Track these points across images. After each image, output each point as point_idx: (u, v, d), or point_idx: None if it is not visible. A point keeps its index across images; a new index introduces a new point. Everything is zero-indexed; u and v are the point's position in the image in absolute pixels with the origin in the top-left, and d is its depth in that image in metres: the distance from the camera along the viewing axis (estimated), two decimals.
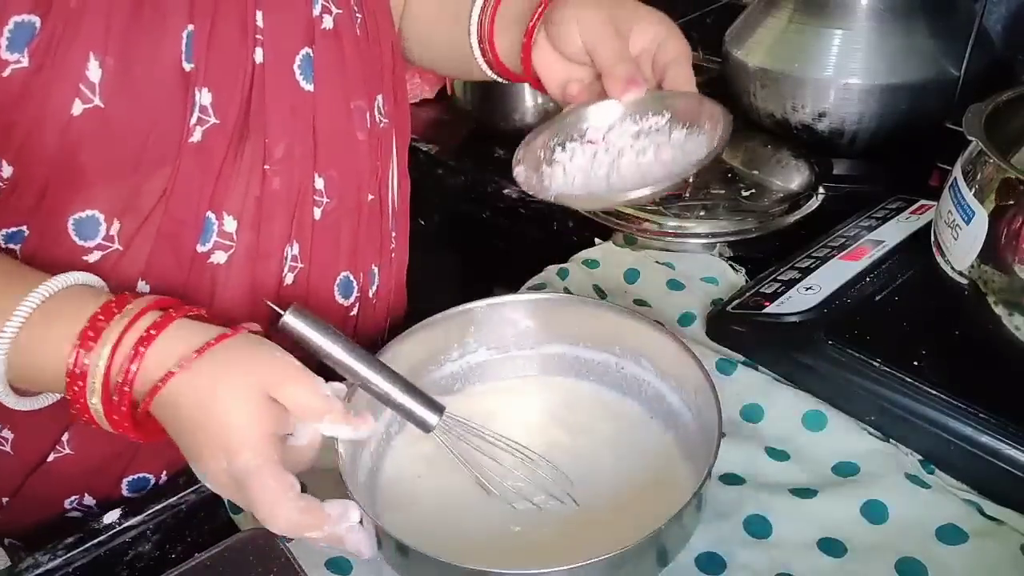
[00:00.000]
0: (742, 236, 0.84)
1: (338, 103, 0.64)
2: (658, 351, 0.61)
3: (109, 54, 0.51)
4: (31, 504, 0.66)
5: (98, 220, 0.56)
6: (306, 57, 0.61)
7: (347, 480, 0.51)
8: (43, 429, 0.62)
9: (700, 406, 0.57)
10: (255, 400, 0.46)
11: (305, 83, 0.62)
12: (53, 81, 0.50)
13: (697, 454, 0.57)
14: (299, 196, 0.63)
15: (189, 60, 0.55)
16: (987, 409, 0.56)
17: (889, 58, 0.90)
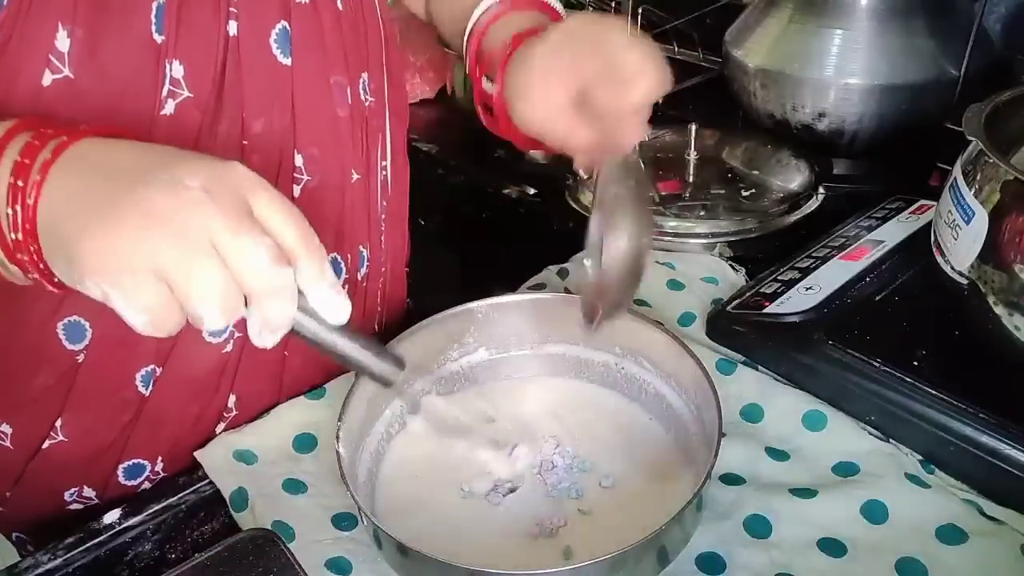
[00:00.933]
0: (742, 236, 0.84)
1: (317, 78, 0.63)
2: (658, 351, 0.61)
3: (78, 24, 0.51)
4: (32, 497, 0.66)
5: None
6: (283, 31, 0.60)
7: (347, 479, 0.51)
8: (38, 416, 0.62)
9: (700, 406, 0.57)
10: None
11: (282, 57, 0.61)
12: (22, 52, 0.50)
13: (697, 454, 0.57)
14: (278, 173, 0.62)
15: (160, 32, 0.54)
16: (987, 409, 0.56)
17: (889, 58, 0.90)
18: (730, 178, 0.93)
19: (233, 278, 0.38)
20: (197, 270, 0.37)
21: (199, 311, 0.38)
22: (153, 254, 0.37)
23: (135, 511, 0.59)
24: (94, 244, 0.37)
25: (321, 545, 0.55)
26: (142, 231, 0.37)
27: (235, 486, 0.60)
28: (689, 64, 1.32)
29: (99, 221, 0.37)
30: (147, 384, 0.63)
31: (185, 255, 0.37)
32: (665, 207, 0.87)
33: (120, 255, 0.37)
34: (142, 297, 0.37)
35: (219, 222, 0.37)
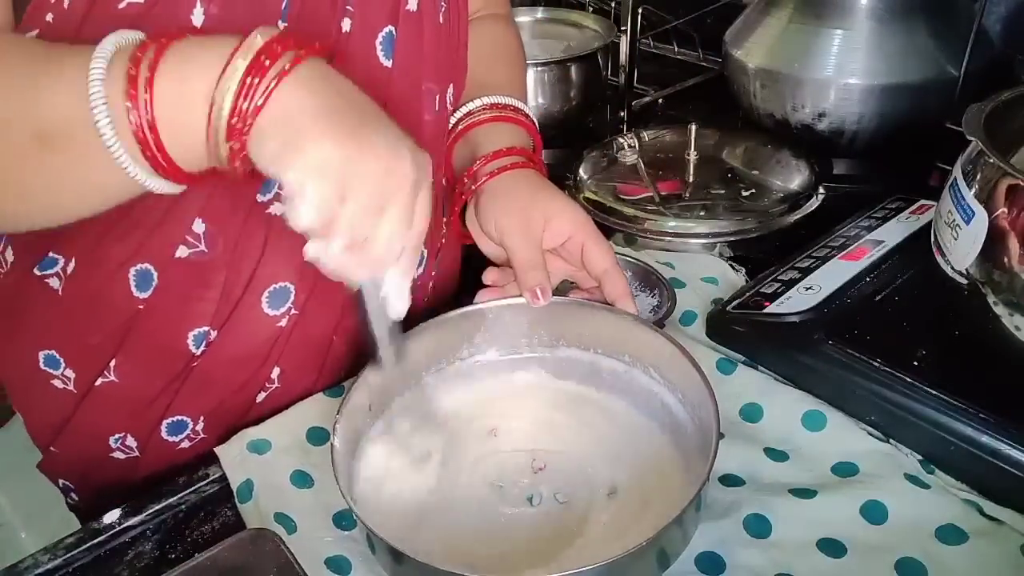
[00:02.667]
0: (742, 236, 0.84)
1: (411, 83, 0.66)
2: (657, 354, 0.61)
3: (214, 2, 0.53)
4: (81, 438, 0.69)
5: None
6: (388, 35, 0.62)
7: (341, 482, 0.51)
8: (96, 356, 0.65)
9: (699, 409, 0.57)
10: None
11: (385, 59, 0.63)
12: (160, 20, 0.52)
13: (696, 456, 0.57)
14: None
15: (284, 19, 0.56)
16: (987, 409, 0.56)
17: (889, 58, 0.90)
18: (730, 178, 0.93)
19: (375, 235, 0.45)
20: (364, 221, 0.45)
21: (335, 236, 0.45)
22: (354, 182, 0.44)
23: (135, 511, 0.59)
24: (318, 148, 0.43)
25: (321, 543, 0.55)
26: (359, 163, 0.44)
27: (243, 478, 0.60)
28: (689, 64, 1.32)
29: (335, 125, 0.44)
30: (199, 344, 0.65)
31: (369, 203, 0.44)
32: (665, 207, 0.87)
33: (334, 167, 0.43)
34: (325, 209, 0.44)
35: (403, 197, 0.45)
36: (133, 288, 0.62)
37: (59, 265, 0.62)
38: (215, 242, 0.61)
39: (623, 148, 0.98)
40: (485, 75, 0.75)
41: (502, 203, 0.66)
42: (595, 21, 1.22)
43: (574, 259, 0.66)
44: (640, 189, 0.91)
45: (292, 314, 0.66)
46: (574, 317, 0.65)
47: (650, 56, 1.37)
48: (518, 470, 0.60)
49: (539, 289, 0.62)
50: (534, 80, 1.10)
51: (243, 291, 0.63)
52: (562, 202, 0.65)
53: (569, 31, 1.23)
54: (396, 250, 0.47)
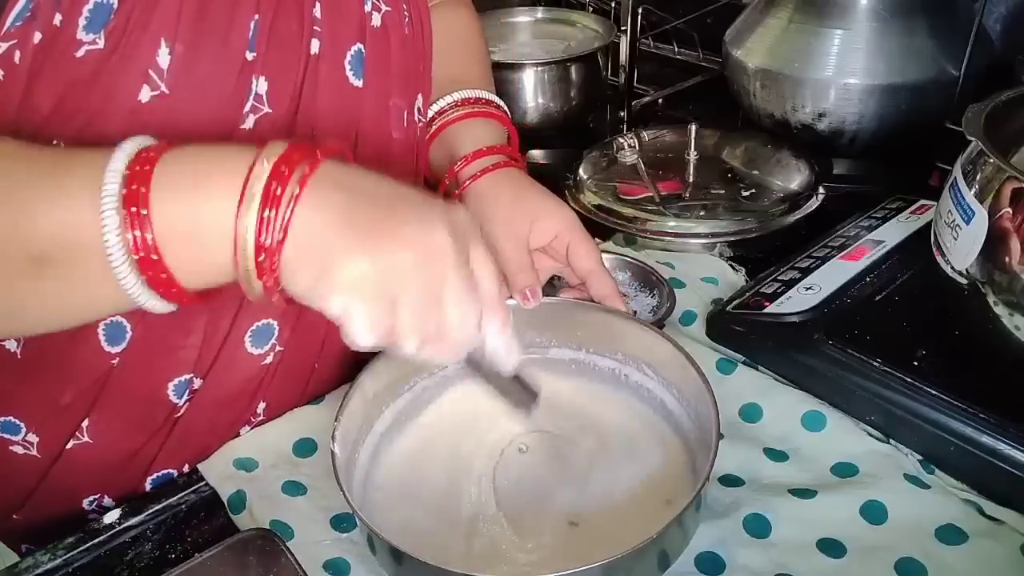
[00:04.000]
0: (742, 236, 0.84)
1: (379, 100, 0.65)
2: (656, 355, 0.61)
3: (179, 40, 0.51)
4: (50, 502, 0.65)
5: None
6: (357, 53, 0.61)
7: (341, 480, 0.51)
8: (66, 417, 0.62)
9: (698, 410, 0.57)
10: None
11: (355, 79, 0.62)
12: (124, 65, 0.50)
13: (697, 457, 0.57)
14: None
15: (252, 49, 0.55)
16: (987, 409, 0.56)
17: (889, 58, 0.90)
18: (730, 178, 0.93)
19: (442, 322, 0.43)
20: (425, 316, 0.42)
21: (404, 343, 0.43)
22: (400, 283, 0.41)
23: (135, 511, 0.59)
24: (351, 266, 0.40)
25: (319, 546, 0.55)
26: (396, 264, 0.41)
27: (233, 489, 0.60)
28: (689, 64, 1.32)
29: (358, 234, 0.40)
30: (181, 394, 0.62)
31: (424, 297, 0.42)
32: (665, 207, 0.87)
33: (374, 279, 0.40)
34: (381, 322, 0.41)
35: (454, 274, 0.42)
36: (103, 343, 0.59)
37: None
38: None
39: (623, 148, 0.98)
40: (450, 68, 0.74)
41: (487, 208, 0.65)
42: (595, 21, 1.22)
43: (561, 257, 0.66)
44: (640, 189, 0.91)
45: (277, 350, 0.64)
46: (570, 317, 0.65)
47: (650, 56, 1.37)
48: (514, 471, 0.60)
49: (528, 291, 0.62)
50: (534, 80, 1.10)
51: (226, 334, 0.61)
52: (546, 201, 0.65)
53: (569, 31, 1.23)
54: (472, 327, 0.44)
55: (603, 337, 0.64)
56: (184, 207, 0.40)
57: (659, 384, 0.61)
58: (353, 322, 0.41)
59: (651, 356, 0.61)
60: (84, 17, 0.48)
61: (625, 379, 0.64)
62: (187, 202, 0.40)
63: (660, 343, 0.60)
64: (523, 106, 1.11)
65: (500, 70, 1.11)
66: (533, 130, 1.13)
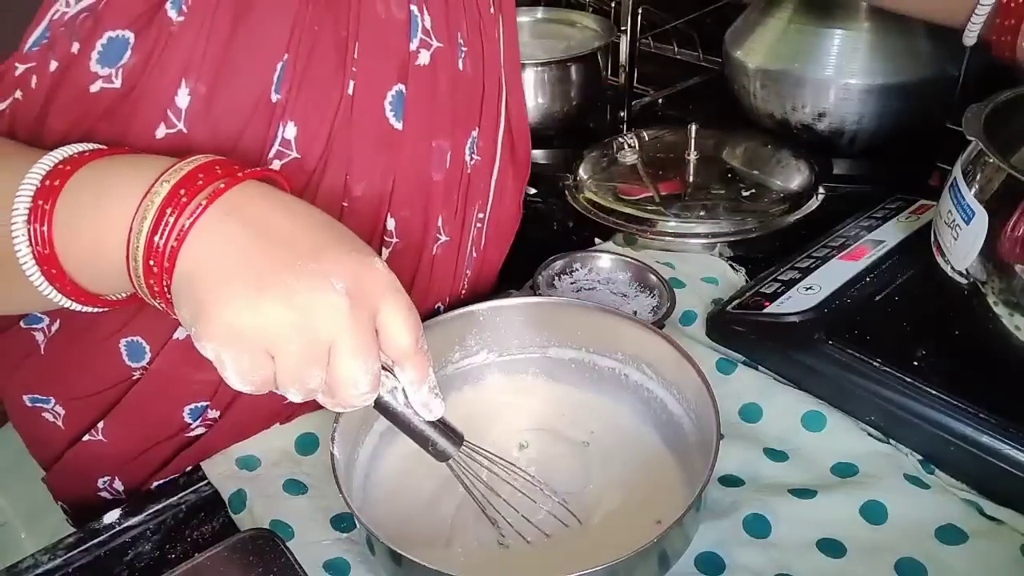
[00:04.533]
0: (742, 236, 0.84)
1: (421, 142, 0.62)
2: (656, 355, 0.61)
3: (200, 80, 0.50)
4: (69, 478, 0.69)
5: None
6: (398, 94, 0.59)
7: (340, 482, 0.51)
8: (85, 412, 0.64)
9: (698, 410, 0.57)
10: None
11: (395, 121, 0.59)
12: (141, 104, 0.50)
13: (696, 458, 0.57)
14: (368, 237, 0.60)
15: (278, 91, 0.53)
16: (987, 409, 0.56)
17: (889, 58, 0.90)
18: (730, 178, 0.93)
19: (331, 378, 0.41)
20: (305, 374, 0.40)
21: (287, 393, 0.41)
22: (277, 343, 0.39)
23: (135, 511, 0.59)
24: (226, 316, 0.38)
25: (319, 546, 0.55)
26: (275, 322, 0.39)
27: (234, 488, 0.60)
28: (689, 64, 1.32)
29: (239, 296, 0.38)
30: (196, 418, 0.63)
31: (304, 358, 0.39)
32: (665, 207, 0.87)
33: (248, 335, 0.39)
34: (253, 374, 0.40)
35: (346, 341, 0.40)
36: (125, 358, 0.60)
37: (44, 323, 0.60)
38: None
39: (623, 148, 0.98)
40: None
41: None
42: (595, 21, 1.22)
43: None
44: (640, 189, 0.91)
45: None
46: (571, 317, 0.65)
47: (650, 56, 1.37)
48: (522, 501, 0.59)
49: None
50: (534, 80, 1.10)
51: None
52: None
53: (569, 31, 1.23)
54: (365, 384, 0.42)
55: (603, 337, 0.64)
56: (85, 222, 0.40)
57: (659, 384, 0.61)
58: (224, 370, 0.40)
59: (651, 356, 0.61)
60: (97, 51, 0.48)
61: (625, 379, 0.64)
62: (89, 217, 0.40)
63: (660, 343, 0.60)
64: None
65: None
66: (533, 130, 1.11)
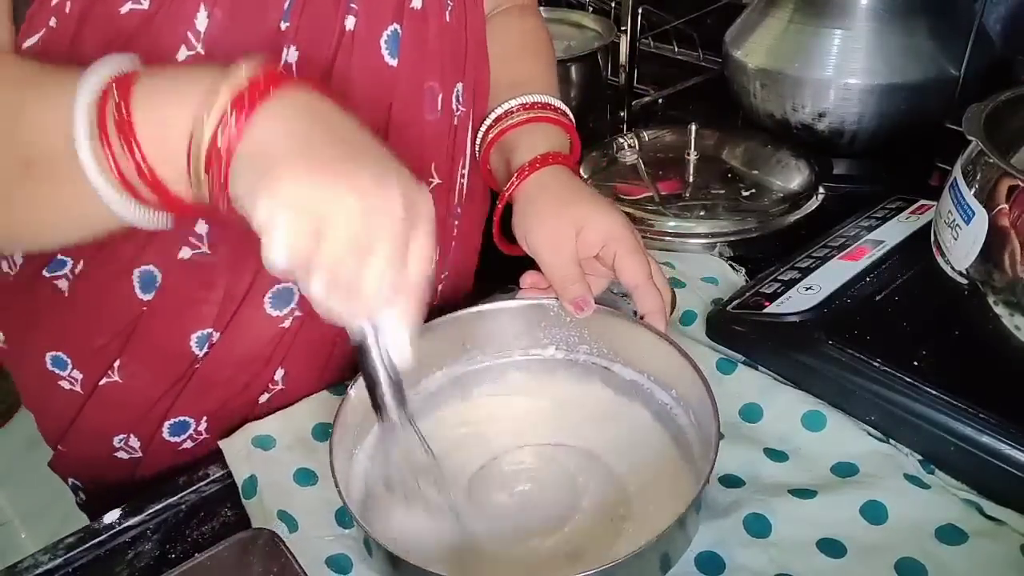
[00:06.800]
0: (742, 236, 0.84)
1: (414, 82, 0.65)
2: (656, 356, 0.60)
3: (218, 6, 0.54)
4: (85, 437, 0.70)
5: None
6: (394, 33, 0.62)
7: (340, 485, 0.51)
8: (101, 357, 0.65)
9: (698, 411, 0.57)
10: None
11: (390, 58, 0.63)
12: (165, 25, 0.53)
13: (697, 457, 0.57)
14: None
15: (286, 19, 0.57)
16: (987, 409, 0.56)
17: (889, 58, 0.90)
18: (730, 178, 0.93)
19: (358, 275, 0.41)
20: (344, 261, 0.41)
21: (314, 276, 0.41)
22: (333, 219, 0.40)
23: (135, 511, 0.59)
24: (296, 174, 0.40)
25: (323, 542, 0.55)
26: (337, 198, 0.40)
27: (248, 474, 0.60)
28: (689, 64, 1.32)
29: (311, 159, 0.40)
30: (202, 346, 0.65)
31: (350, 238, 0.40)
32: (665, 207, 0.87)
33: (307, 203, 0.40)
34: (299, 246, 0.40)
35: (389, 236, 0.41)
36: (137, 289, 0.62)
37: (68, 267, 0.62)
38: (218, 243, 0.61)
39: (623, 148, 0.98)
40: (515, 72, 0.74)
41: (532, 217, 0.64)
42: (595, 21, 1.22)
43: (611, 268, 0.63)
44: (640, 189, 0.91)
45: (296, 315, 0.66)
46: (567, 319, 0.65)
47: (650, 56, 1.37)
48: (513, 474, 0.60)
49: (579, 301, 0.60)
50: None
51: (246, 292, 0.63)
52: (592, 208, 0.62)
53: (569, 31, 1.23)
54: (386, 294, 0.42)
55: (601, 337, 0.64)
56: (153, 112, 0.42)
57: (658, 386, 0.61)
58: (273, 234, 0.40)
59: (650, 357, 0.61)
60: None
61: (622, 378, 0.64)
62: (158, 105, 0.42)
63: (659, 344, 0.60)
64: None
65: None
66: None
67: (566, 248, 0.62)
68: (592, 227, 0.61)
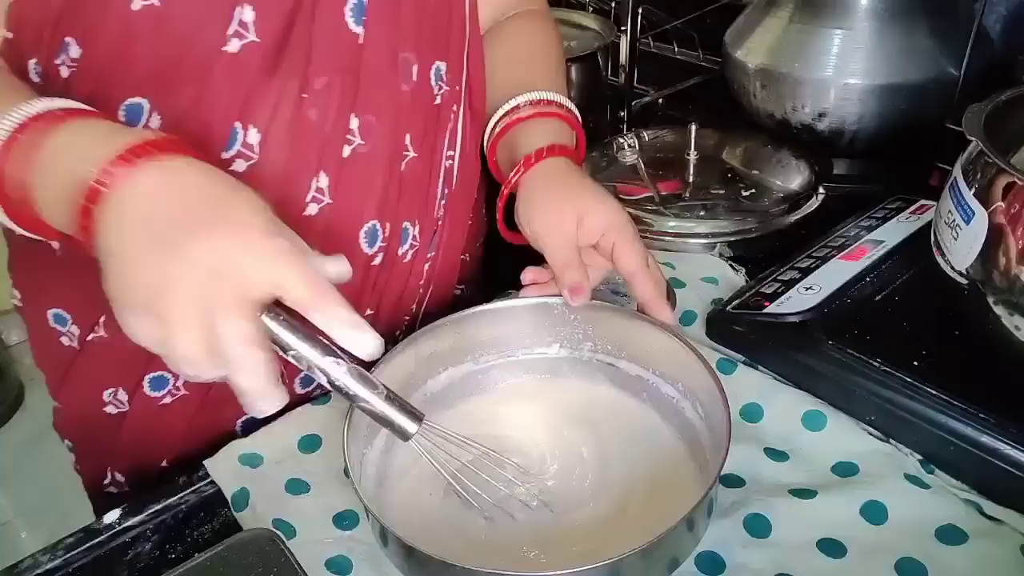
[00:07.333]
0: (742, 236, 0.84)
1: (385, 50, 0.66)
2: (666, 355, 0.60)
3: None
4: (79, 390, 0.72)
5: (142, 108, 0.59)
6: (359, 2, 0.63)
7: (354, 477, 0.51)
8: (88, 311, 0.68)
9: (708, 411, 0.57)
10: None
11: (355, 25, 0.63)
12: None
13: (706, 458, 0.56)
14: (331, 130, 0.65)
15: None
16: (987, 409, 0.56)
17: (889, 58, 0.90)
18: (730, 178, 0.93)
19: (220, 343, 0.44)
20: (188, 338, 0.44)
21: (175, 365, 0.45)
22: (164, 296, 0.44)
23: (135, 511, 0.59)
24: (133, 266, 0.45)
25: (322, 544, 0.55)
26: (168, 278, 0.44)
27: (237, 487, 0.60)
28: (689, 64, 1.32)
29: (151, 242, 0.44)
30: None
31: (187, 320, 0.43)
32: (665, 207, 0.87)
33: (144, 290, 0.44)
34: (142, 332, 0.45)
35: (224, 300, 0.44)
36: None
37: None
38: None
39: (623, 148, 0.98)
40: (524, 73, 0.76)
41: (536, 203, 0.65)
42: (595, 21, 1.22)
43: (609, 257, 0.64)
44: (640, 189, 0.91)
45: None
46: (572, 316, 0.64)
47: (650, 56, 1.37)
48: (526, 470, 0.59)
49: (576, 286, 0.61)
50: None
51: None
52: (594, 198, 0.64)
53: (569, 31, 1.23)
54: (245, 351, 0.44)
55: (605, 334, 0.64)
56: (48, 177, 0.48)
57: (669, 384, 0.61)
58: (126, 325, 0.45)
59: (660, 355, 0.61)
60: None
61: (635, 377, 0.63)
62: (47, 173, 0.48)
63: (670, 342, 0.59)
64: None
65: None
66: None
67: (567, 234, 0.63)
68: (593, 216, 0.63)
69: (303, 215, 0.66)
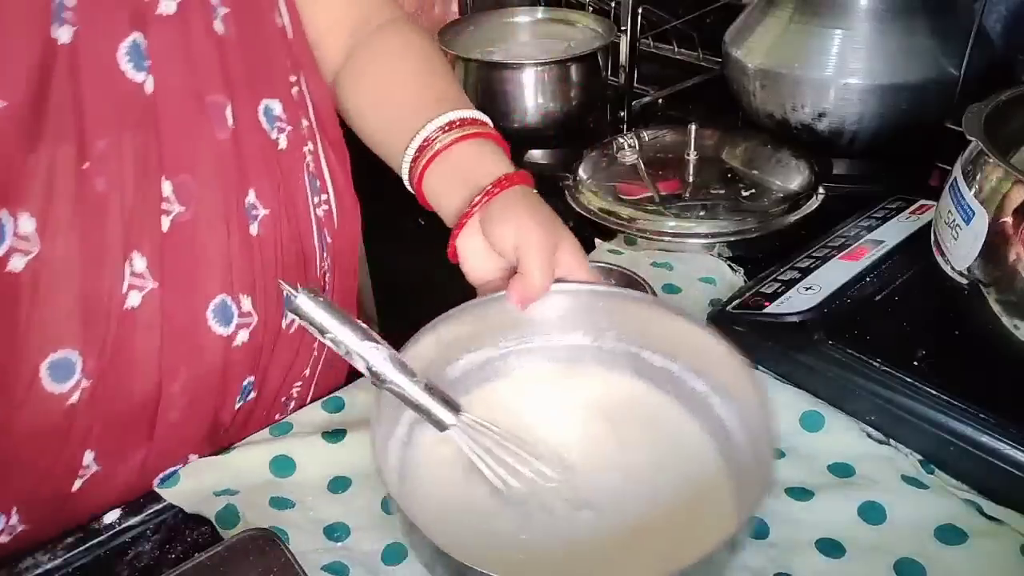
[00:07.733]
0: (742, 236, 0.84)
1: (183, 98, 0.58)
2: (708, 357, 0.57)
3: None
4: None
5: None
6: (134, 44, 0.55)
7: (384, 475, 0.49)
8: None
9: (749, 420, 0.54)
10: None
11: (135, 72, 0.55)
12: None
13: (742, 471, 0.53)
14: (136, 202, 0.56)
15: None
16: (987, 409, 0.56)
17: (889, 58, 0.90)
18: (730, 178, 0.93)
19: None
20: None
21: None
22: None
23: (135, 511, 0.59)
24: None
25: (315, 553, 0.54)
26: None
27: (220, 506, 0.58)
28: (689, 64, 1.32)
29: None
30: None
31: None
32: (665, 207, 0.87)
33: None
34: None
35: None
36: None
37: None
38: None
39: (623, 148, 0.98)
40: (432, 87, 0.69)
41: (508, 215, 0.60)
42: (595, 21, 1.22)
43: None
44: (640, 189, 0.91)
45: (83, 387, 0.57)
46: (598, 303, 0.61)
47: (650, 56, 1.37)
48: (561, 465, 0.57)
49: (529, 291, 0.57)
50: (534, 80, 1.10)
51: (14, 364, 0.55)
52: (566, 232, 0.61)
53: (569, 31, 1.23)
54: None
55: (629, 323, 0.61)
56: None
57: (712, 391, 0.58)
58: None
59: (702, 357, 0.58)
60: None
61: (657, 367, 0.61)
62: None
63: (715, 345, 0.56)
64: (523, 106, 1.11)
65: (500, 70, 1.11)
66: (533, 130, 1.13)
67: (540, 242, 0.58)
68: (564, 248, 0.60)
69: (124, 309, 0.57)
